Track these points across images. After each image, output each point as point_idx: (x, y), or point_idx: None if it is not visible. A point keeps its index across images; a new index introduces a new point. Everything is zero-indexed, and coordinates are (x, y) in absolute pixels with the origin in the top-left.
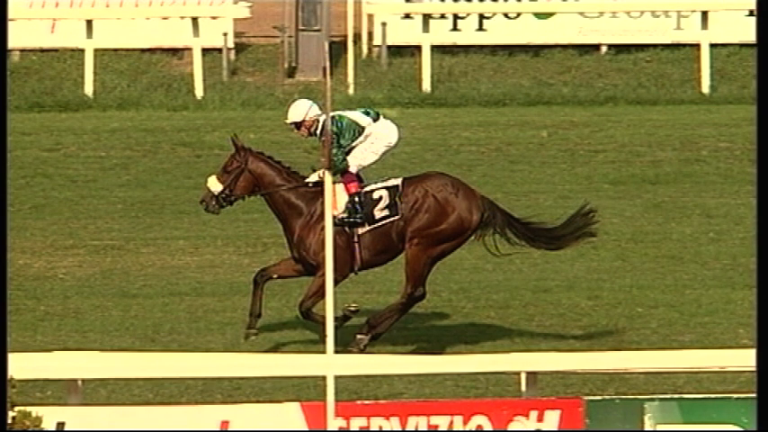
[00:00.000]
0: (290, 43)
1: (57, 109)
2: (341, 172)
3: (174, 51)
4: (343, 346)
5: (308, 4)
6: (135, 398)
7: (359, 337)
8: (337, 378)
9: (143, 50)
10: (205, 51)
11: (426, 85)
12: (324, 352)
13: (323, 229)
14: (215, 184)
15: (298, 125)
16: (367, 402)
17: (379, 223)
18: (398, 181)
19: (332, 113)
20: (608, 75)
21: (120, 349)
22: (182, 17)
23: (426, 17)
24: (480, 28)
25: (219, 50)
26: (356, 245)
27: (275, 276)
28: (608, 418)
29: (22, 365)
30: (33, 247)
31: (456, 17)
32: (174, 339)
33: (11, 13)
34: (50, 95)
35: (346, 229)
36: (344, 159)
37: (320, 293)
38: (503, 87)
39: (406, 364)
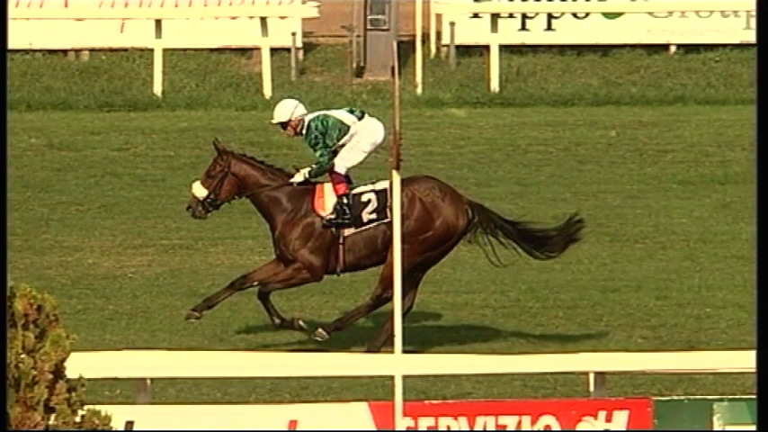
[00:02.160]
0: (359, 43)
1: (126, 108)
2: (330, 173)
3: (242, 51)
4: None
5: (377, 3)
6: (203, 397)
7: (319, 330)
8: (405, 378)
9: (212, 50)
10: (274, 51)
11: (494, 85)
12: (392, 352)
13: (305, 226)
14: (200, 190)
15: (284, 125)
16: (435, 402)
17: (366, 226)
18: (386, 184)
19: (316, 113)
20: (677, 74)
21: (188, 348)
22: (250, 17)
23: (495, 17)
24: (549, 28)
25: (288, 50)
26: (341, 246)
27: (255, 283)
28: (676, 418)
29: (91, 364)
30: (102, 246)
31: (524, 17)
32: (242, 339)
33: (80, 13)
34: (119, 95)
35: (332, 230)
36: (331, 159)
37: (286, 283)
38: (571, 87)
39: (474, 364)
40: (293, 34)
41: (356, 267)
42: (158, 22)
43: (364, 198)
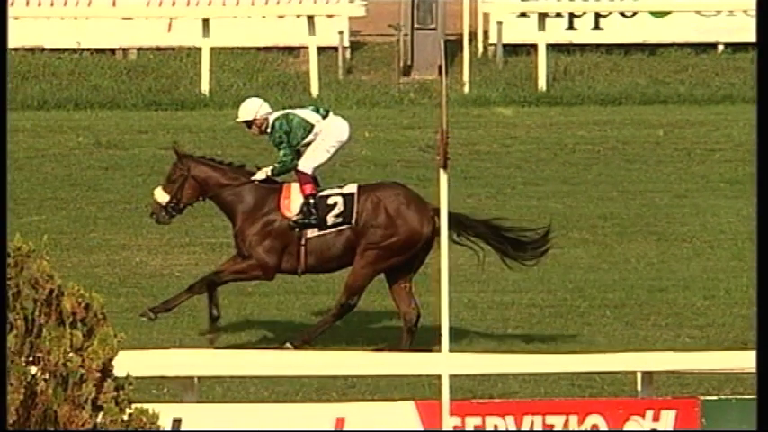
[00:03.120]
0: (406, 42)
1: (173, 107)
2: (297, 173)
3: (289, 50)
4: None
5: (424, 2)
6: (250, 395)
7: (287, 344)
8: (452, 377)
9: (259, 49)
10: (321, 50)
11: (542, 84)
12: (439, 350)
13: (265, 224)
14: (162, 195)
15: (249, 123)
16: (482, 401)
17: (330, 230)
18: (354, 188)
19: (281, 112)
20: (725, 73)
21: (235, 347)
22: (298, 16)
23: (542, 16)
24: (596, 27)
25: (335, 49)
26: (302, 248)
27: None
28: (724, 418)
29: (138, 363)
30: (150, 245)
31: (572, 16)
32: (289, 337)
33: (128, 12)
34: (167, 94)
35: (296, 230)
36: (294, 159)
37: (236, 276)
38: (619, 86)
39: (521, 364)
40: (340, 33)
41: (319, 270)
42: (206, 21)
43: (330, 201)
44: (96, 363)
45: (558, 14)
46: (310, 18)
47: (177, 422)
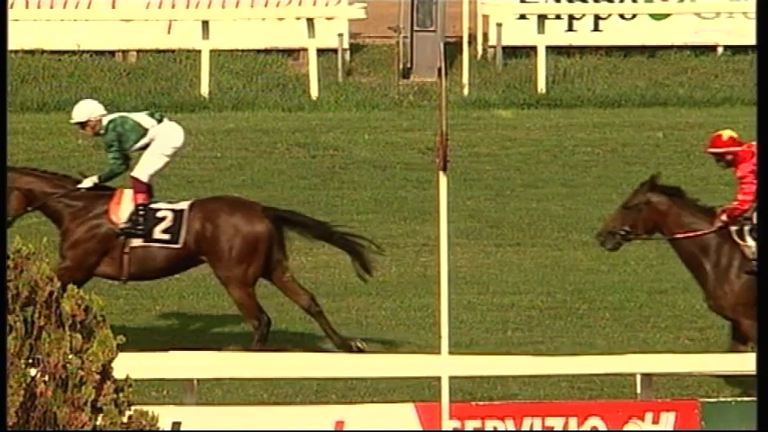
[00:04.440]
0: (405, 44)
1: (173, 109)
2: (133, 179)
3: (289, 52)
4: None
5: (424, 4)
6: (250, 398)
7: (358, 343)
8: (452, 379)
9: (258, 51)
10: (320, 52)
11: (541, 86)
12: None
13: (90, 228)
14: None
15: (82, 125)
16: (482, 403)
17: (156, 243)
18: (185, 205)
19: (115, 115)
20: (724, 76)
21: (235, 349)
22: (297, 18)
23: (541, 18)
24: (596, 29)
25: (335, 51)
26: (125, 256)
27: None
28: (724, 420)
29: (138, 365)
30: None
31: (571, 18)
32: (289, 339)
33: (127, 14)
34: (166, 96)
35: (120, 237)
36: (123, 164)
37: (62, 276)
38: (618, 88)
39: (520, 366)
40: (340, 35)
41: (142, 278)
42: (205, 24)
43: (160, 214)
44: (96, 365)
45: (558, 16)
46: (310, 20)
47: (177, 424)
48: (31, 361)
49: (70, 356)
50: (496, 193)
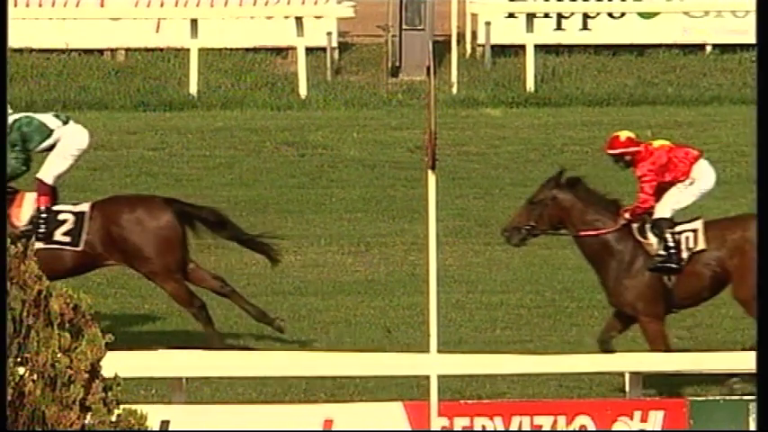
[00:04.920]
0: (394, 42)
1: (161, 108)
2: (38, 181)
3: (278, 51)
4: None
5: (412, 3)
6: (239, 396)
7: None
8: (440, 377)
9: (247, 50)
10: (309, 51)
11: (530, 85)
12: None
13: None
14: None
15: None
16: (470, 402)
17: (55, 245)
18: (86, 207)
19: (20, 114)
20: (713, 74)
21: (223, 348)
22: (286, 17)
23: (530, 16)
24: (584, 27)
25: (323, 50)
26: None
27: None
28: (712, 418)
29: (127, 363)
30: None
31: (560, 16)
32: (277, 338)
33: (116, 12)
34: (155, 95)
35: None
36: (23, 164)
37: None
38: (607, 87)
39: (509, 364)
40: (329, 34)
41: (50, 278)
42: (194, 22)
43: (61, 217)
44: (84, 364)
45: (547, 15)
46: (298, 19)
47: (165, 423)
48: (19, 360)
49: (59, 355)
50: (485, 191)
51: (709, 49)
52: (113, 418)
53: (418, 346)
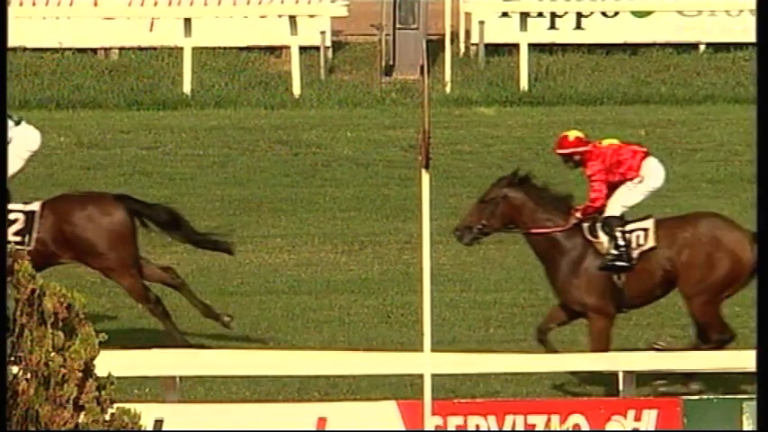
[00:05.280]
0: (388, 41)
1: (155, 107)
2: None
3: (271, 50)
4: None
5: (406, 2)
6: (232, 395)
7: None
8: (434, 376)
9: (241, 49)
10: (303, 50)
11: (524, 84)
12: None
13: None
14: None
15: None
16: (464, 401)
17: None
18: (37, 207)
19: None
20: (706, 73)
21: (217, 347)
22: (279, 15)
23: (524, 15)
24: (578, 26)
25: (317, 49)
26: None
27: None
28: (706, 417)
29: (120, 362)
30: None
31: (554, 16)
32: (271, 337)
33: (109, 11)
34: (149, 94)
35: None
36: None
37: None
38: (600, 86)
39: (503, 363)
40: (322, 33)
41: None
42: (187, 21)
43: (12, 216)
44: (78, 362)
45: (540, 14)
46: (292, 18)
47: (159, 422)
48: (12, 359)
49: (52, 354)
50: (479, 190)
51: (702, 48)
52: (107, 417)
53: (412, 344)
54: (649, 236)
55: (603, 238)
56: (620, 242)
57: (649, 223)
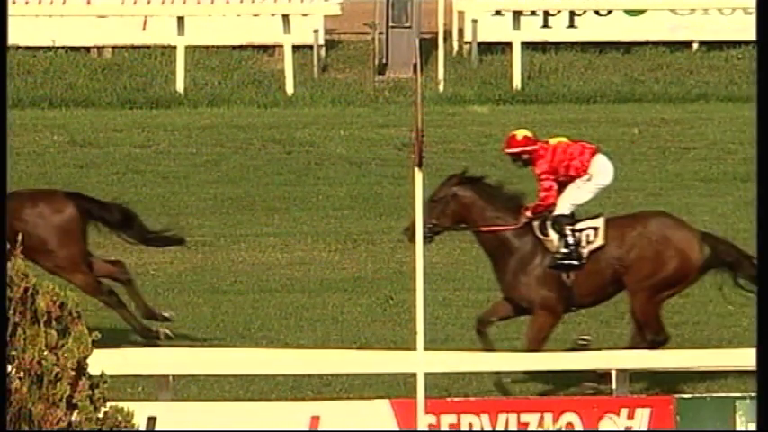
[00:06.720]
0: (381, 40)
1: (148, 106)
2: None
3: (264, 48)
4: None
5: (399, 1)
6: (225, 394)
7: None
8: (427, 375)
9: (234, 47)
10: (296, 48)
11: (517, 82)
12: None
13: None
14: None
15: None
16: (457, 399)
17: None
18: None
19: None
20: (699, 72)
21: (210, 345)
22: (273, 14)
23: (517, 14)
24: (571, 25)
25: (310, 47)
26: None
27: None
28: (699, 416)
29: (113, 361)
30: (124, 243)
31: (547, 14)
32: (264, 336)
33: (102, 10)
34: (142, 92)
35: None
36: None
37: None
38: (593, 84)
39: (496, 362)
40: (315, 31)
41: None
42: (180, 20)
43: None
44: (71, 361)
45: (533, 13)
46: (285, 16)
47: (152, 420)
48: (5, 357)
49: (45, 353)
50: None
51: (695, 46)
52: (100, 416)
53: (405, 343)
54: (599, 234)
55: (553, 236)
56: (570, 240)
57: (599, 222)
